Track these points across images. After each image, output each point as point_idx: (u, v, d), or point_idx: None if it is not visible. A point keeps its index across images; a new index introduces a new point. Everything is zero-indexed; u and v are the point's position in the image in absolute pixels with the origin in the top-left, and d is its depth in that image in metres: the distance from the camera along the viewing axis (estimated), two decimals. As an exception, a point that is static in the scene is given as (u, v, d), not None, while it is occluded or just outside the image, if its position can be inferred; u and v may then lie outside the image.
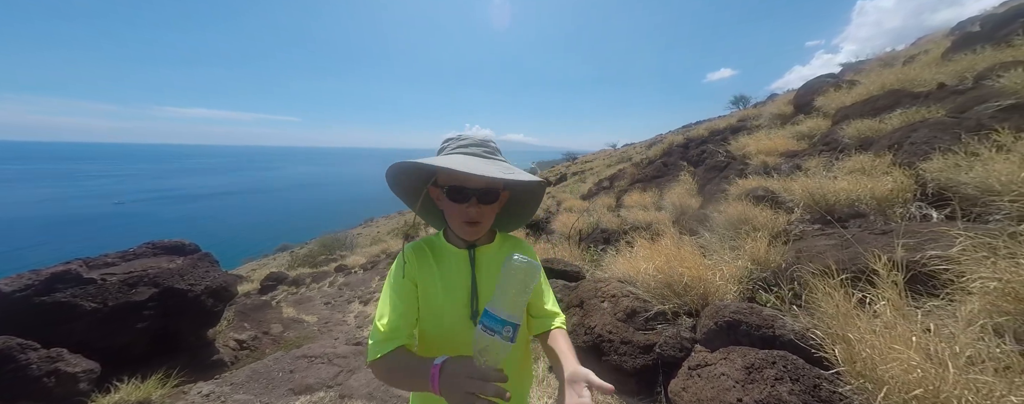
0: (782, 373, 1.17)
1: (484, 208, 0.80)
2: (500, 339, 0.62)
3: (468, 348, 0.80)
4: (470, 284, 0.84)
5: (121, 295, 2.92)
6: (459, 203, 0.79)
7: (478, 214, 0.79)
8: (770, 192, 3.42)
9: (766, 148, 5.55)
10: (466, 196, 0.78)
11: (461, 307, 0.83)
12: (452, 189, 0.79)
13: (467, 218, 0.79)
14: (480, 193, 0.78)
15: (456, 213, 0.80)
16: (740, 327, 1.50)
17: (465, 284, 0.84)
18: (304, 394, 2.74)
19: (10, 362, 2.30)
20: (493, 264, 0.87)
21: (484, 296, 0.84)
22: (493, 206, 0.82)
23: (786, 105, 8.03)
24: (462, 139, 0.86)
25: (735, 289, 1.96)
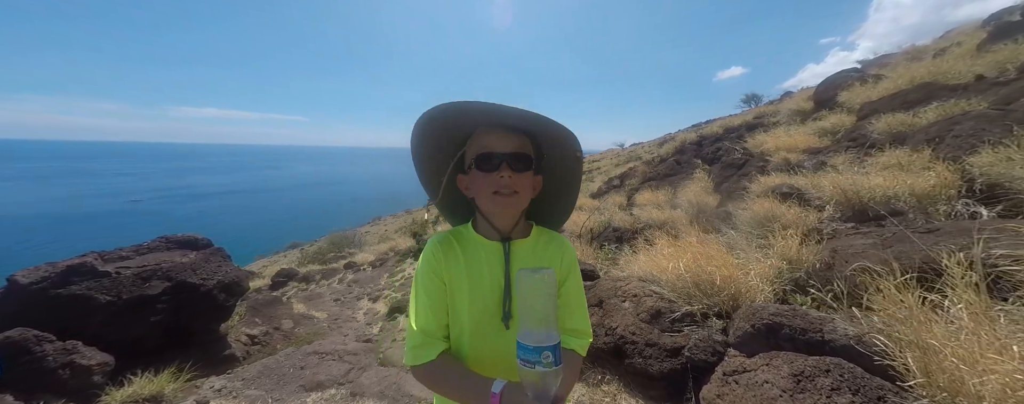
0: (839, 383, 1.06)
1: (516, 176, 0.71)
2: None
3: (498, 355, 0.74)
4: (503, 282, 0.74)
5: (135, 288, 2.92)
6: (489, 172, 0.71)
7: (510, 180, 0.70)
8: (796, 189, 3.27)
9: (786, 145, 5.36)
10: (495, 162, 0.70)
11: (491, 308, 0.74)
12: (480, 158, 0.71)
13: (498, 187, 0.70)
14: (510, 157, 0.70)
15: (486, 184, 0.71)
16: (782, 331, 1.39)
17: (497, 282, 0.75)
18: (315, 391, 2.70)
19: (26, 354, 2.30)
20: (528, 259, 0.78)
21: (516, 297, 0.75)
22: (526, 176, 0.73)
23: (806, 101, 7.76)
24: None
25: (768, 289, 1.84)
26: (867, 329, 1.17)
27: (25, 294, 2.55)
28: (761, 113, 9.58)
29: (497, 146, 0.71)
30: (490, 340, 0.74)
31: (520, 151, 0.72)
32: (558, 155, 0.79)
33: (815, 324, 1.32)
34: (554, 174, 0.82)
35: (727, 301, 1.85)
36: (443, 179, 0.81)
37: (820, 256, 2.11)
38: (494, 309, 0.75)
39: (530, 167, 0.74)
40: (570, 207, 0.88)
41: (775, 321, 1.42)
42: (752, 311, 1.54)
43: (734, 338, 1.61)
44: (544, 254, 0.80)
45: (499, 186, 0.70)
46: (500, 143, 0.71)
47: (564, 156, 0.79)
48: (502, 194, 0.71)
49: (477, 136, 0.73)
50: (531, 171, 0.74)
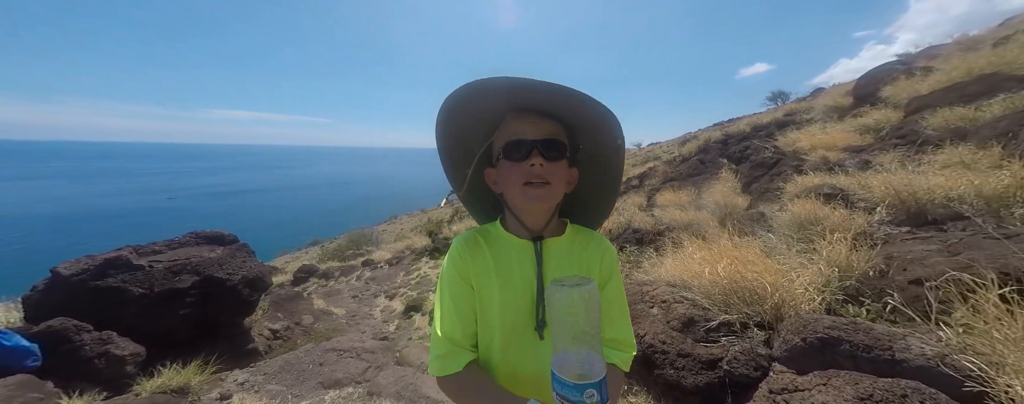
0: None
1: (550, 165, 0.63)
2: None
3: (531, 368, 0.66)
4: (535, 286, 0.67)
5: (166, 282, 3.03)
6: (519, 161, 0.63)
7: (543, 170, 0.62)
8: (839, 189, 3.02)
9: (823, 143, 5.01)
10: (526, 150, 0.63)
11: (524, 315, 0.66)
12: (509, 146, 0.64)
13: (530, 177, 0.63)
14: (543, 144, 0.63)
15: (517, 176, 0.63)
16: (840, 346, 1.24)
17: (529, 287, 0.67)
18: (333, 388, 2.70)
19: (66, 342, 2.41)
20: (564, 260, 0.70)
21: None
22: (560, 165, 0.65)
23: (843, 97, 7.27)
24: None
25: (818, 298, 1.68)
26: (952, 348, 1.02)
27: (67, 285, 2.68)
28: (792, 110, 9.07)
29: (528, 132, 0.63)
30: (523, 351, 0.67)
31: (553, 137, 0.64)
32: (595, 145, 0.70)
33: (882, 341, 1.17)
34: (591, 167, 0.73)
35: (769, 311, 1.69)
36: (468, 171, 0.73)
37: (872, 263, 1.91)
38: (526, 317, 0.67)
39: (564, 155, 0.65)
40: (610, 205, 0.78)
41: (831, 335, 1.27)
42: (803, 323, 1.39)
43: (781, 352, 1.46)
44: (581, 255, 0.71)
45: (530, 176, 0.63)
46: (531, 129, 0.63)
47: (602, 145, 0.69)
48: (533, 185, 0.63)
49: (506, 124, 0.66)
50: (565, 161, 0.66)
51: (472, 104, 0.64)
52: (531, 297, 0.67)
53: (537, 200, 0.64)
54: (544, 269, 0.67)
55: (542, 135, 0.63)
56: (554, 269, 0.69)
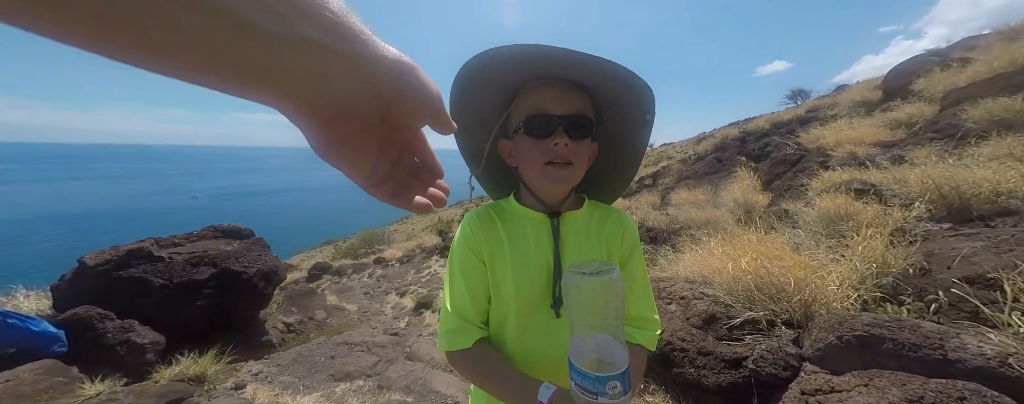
0: (982, 415, 0.81)
1: (574, 144, 0.58)
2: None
3: (546, 346, 0.62)
4: (552, 261, 0.62)
5: (185, 273, 3.11)
6: (541, 139, 0.58)
7: (567, 150, 0.57)
8: (871, 185, 2.84)
9: (850, 138, 4.77)
10: (550, 127, 0.57)
11: (539, 292, 0.62)
12: (531, 120, 0.58)
13: (553, 157, 0.58)
14: (568, 122, 0.57)
15: (538, 154, 0.59)
16: (882, 345, 1.13)
17: (545, 263, 0.63)
18: (344, 381, 2.70)
19: (91, 330, 2.49)
20: (582, 236, 0.65)
21: None
22: (584, 144, 0.60)
23: (872, 91, 6.93)
24: None
25: (854, 295, 1.56)
26: (1016, 348, 0.91)
27: (92, 275, 2.79)
28: (815, 107, 8.71)
29: (553, 106, 0.57)
30: (538, 329, 0.62)
31: (580, 113, 0.58)
32: (621, 121, 0.64)
33: (933, 339, 1.06)
34: (614, 141, 0.67)
35: (798, 308, 1.58)
36: (486, 146, 0.67)
37: (912, 260, 1.78)
38: (542, 293, 0.62)
39: (590, 133, 0.60)
40: (628, 179, 0.73)
41: (872, 333, 1.17)
42: (838, 320, 1.29)
43: (812, 351, 1.36)
44: (600, 230, 0.66)
45: (553, 156, 0.58)
46: (557, 103, 0.57)
47: (629, 120, 0.64)
48: (556, 165, 0.58)
49: (527, 92, 0.60)
50: (590, 138, 0.61)
51: (491, 72, 0.58)
52: (547, 274, 0.63)
53: (559, 181, 0.60)
54: (561, 245, 0.63)
55: (568, 110, 0.58)
56: (572, 245, 0.64)
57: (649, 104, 0.61)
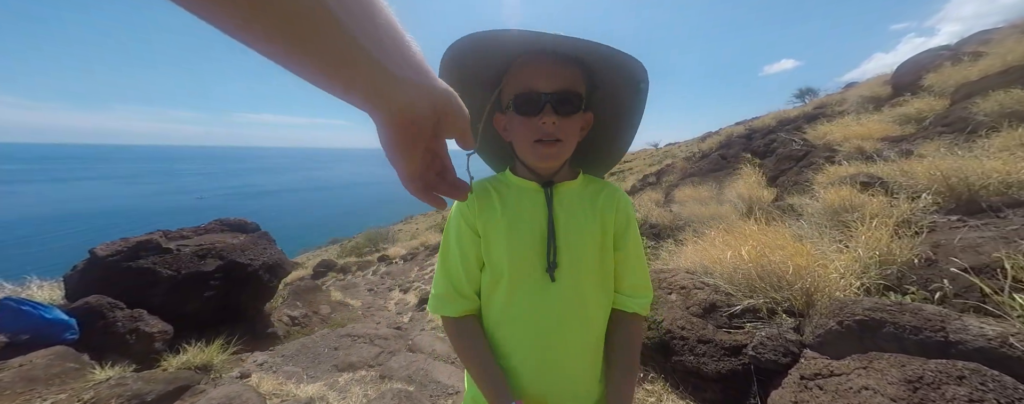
0: (982, 393, 0.80)
1: (562, 121, 0.58)
2: None
3: (538, 312, 0.63)
4: (546, 228, 0.63)
5: (192, 265, 3.16)
6: (530, 116, 0.58)
7: (555, 128, 0.57)
8: (877, 178, 2.81)
9: (858, 134, 4.70)
10: (537, 104, 0.57)
11: (532, 258, 0.63)
12: (519, 98, 0.59)
13: (541, 134, 0.58)
14: (555, 99, 0.57)
15: (527, 131, 0.59)
16: (883, 329, 1.12)
17: (539, 229, 0.64)
18: (347, 371, 2.73)
19: (101, 318, 2.54)
20: (576, 206, 0.66)
21: (564, 243, 0.63)
22: (574, 120, 0.60)
23: (881, 86, 6.81)
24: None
25: (856, 284, 1.54)
26: (1012, 329, 0.89)
27: (103, 265, 2.85)
28: (822, 103, 8.59)
29: (540, 83, 0.57)
30: (531, 294, 0.63)
31: (568, 89, 0.58)
32: (616, 84, 0.64)
33: (934, 321, 1.05)
34: (608, 109, 0.67)
35: (800, 296, 1.57)
36: (480, 125, 0.67)
37: (917, 251, 1.75)
38: (535, 259, 0.63)
39: (580, 108, 0.60)
40: (623, 149, 0.72)
41: (873, 317, 1.15)
42: (839, 306, 1.28)
43: (812, 338, 1.35)
44: (594, 201, 0.67)
45: (541, 134, 0.58)
46: (544, 79, 0.57)
47: (623, 87, 0.63)
48: (544, 143, 0.59)
49: (516, 69, 0.60)
50: (581, 112, 0.61)
51: (480, 54, 0.59)
52: (541, 239, 0.64)
53: (548, 158, 0.61)
54: (554, 212, 0.64)
55: (556, 86, 0.58)
56: (565, 213, 0.65)
57: (640, 72, 0.60)
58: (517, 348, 0.64)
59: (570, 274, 0.62)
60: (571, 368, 0.64)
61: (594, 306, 0.65)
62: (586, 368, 0.65)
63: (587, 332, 0.65)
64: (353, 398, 2.25)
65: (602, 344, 0.68)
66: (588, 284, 0.64)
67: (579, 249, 0.63)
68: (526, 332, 0.62)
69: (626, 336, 0.67)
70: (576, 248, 0.63)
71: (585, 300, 0.63)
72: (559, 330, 0.62)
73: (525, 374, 0.63)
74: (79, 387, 2.03)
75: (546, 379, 0.63)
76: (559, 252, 0.62)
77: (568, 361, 0.64)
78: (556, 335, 0.62)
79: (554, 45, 0.55)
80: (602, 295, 0.66)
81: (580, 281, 0.63)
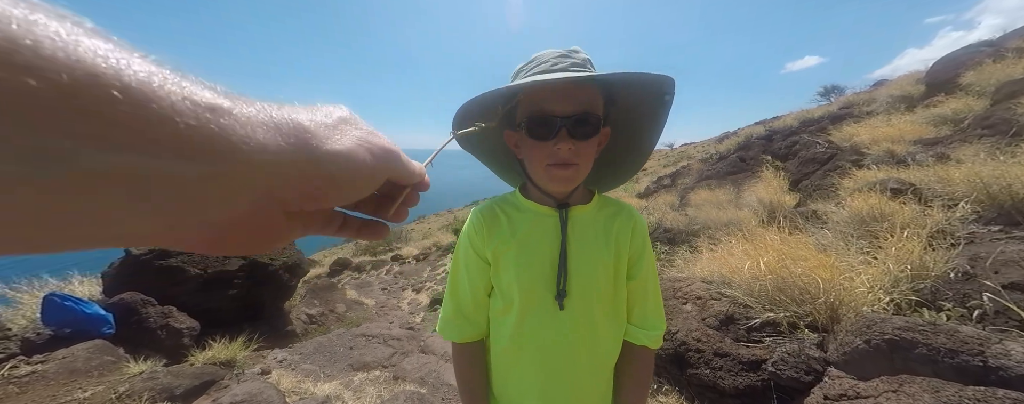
0: (1026, 426, 0.75)
1: (579, 145, 0.55)
2: None
3: (547, 340, 0.61)
4: (558, 255, 0.61)
5: (218, 264, 3.31)
6: (543, 140, 0.55)
7: (570, 153, 0.55)
8: (909, 184, 2.66)
9: (888, 135, 4.48)
10: (552, 128, 0.54)
11: (543, 285, 0.61)
12: (533, 121, 0.55)
13: (556, 159, 0.56)
14: (571, 122, 0.54)
15: (540, 155, 0.57)
16: (915, 350, 1.07)
17: (550, 255, 0.62)
18: (361, 371, 2.80)
19: (135, 314, 2.69)
20: (589, 232, 0.64)
21: (575, 272, 0.61)
22: (591, 143, 0.57)
23: (913, 85, 6.46)
24: (539, 58, 0.60)
25: (885, 299, 1.47)
26: None
27: (137, 263, 3.02)
28: (849, 102, 8.21)
29: (555, 106, 0.54)
30: (540, 320, 0.62)
31: (585, 111, 0.54)
32: (638, 98, 0.60)
33: (971, 344, 0.99)
34: (627, 119, 0.64)
35: (824, 310, 1.51)
36: (481, 124, 0.66)
37: (954, 264, 1.66)
38: (546, 285, 0.61)
39: (597, 131, 0.56)
40: (640, 164, 0.70)
41: (904, 337, 1.10)
42: (867, 323, 1.22)
43: (837, 355, 1.30)
44: (609, 226, 0.65)
45: (555, 158, 0.55)
46: (559, 102, 0.54)
47: (646, 99, 0.60)
48: (559, 166, 0.56)
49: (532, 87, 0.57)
50: (597, 135, 0.57)
51: (489, 100, 0.56)
52: (553, 266, 0.62)
53: (562, 182, 0.58)
54: (568, 238, 0.62)
55: (572, 109, 0.54)
56: (578, 239, 0.63)
57: (668, 85, 0.56)
58: (525, 375, 0.63)
59: (580, 303, 0.61)
60: (579, 398, 0.63)
61: (604, 336, 0.64)
62: (595, 399, 0.65)
63: (597, 362, 0.64)
64: (368, 398, 2.30)
65: (612, 374, 0.67)
66: (598, 314, 0.62)
67: (591, 278, 0.62)
68: (534, 360, 0.62)
69: (635, 370, 0.66)
70: (587, 277, 0.62)
71: (595, 330, 0.62)
72: (568, 359, 0.62)
73: (532, 402, 0.63)
74: (115, 380, 2.16)
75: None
76: (570, 280, 0.61)
77: (576, 391, 0.63)
78: (564, 364, 0.62)
79: (566, 76, 0.52)
80: (613, 325, 0.65)
81: (590, 310, 0.62)
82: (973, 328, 1.11)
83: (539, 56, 0.60)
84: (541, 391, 0.62)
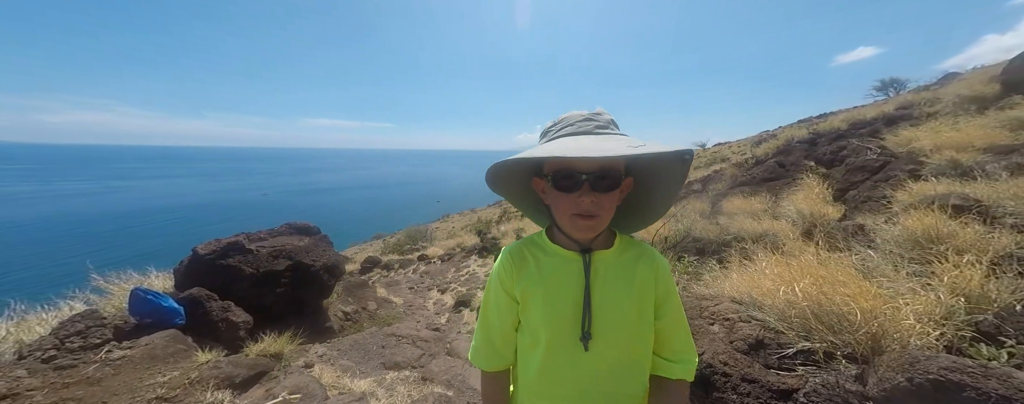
0: (1083, 488, 0.71)
1: (601, 197, 0.61)
2: None
3: (571, 379, 0.66)
4: (582, 298, 0.66)
5: (268, 264, 3.64)
6: (568, 193, 0.62)
7: (593, 205, 0.61)
8: (974, 200, 2.43)
9: (953, 142, 4.06)
10: (576, 182, 0.61)
11: (568, 326, 0.67)
12: (558, 175, 0.62)
13: (579, 210, 0.62)
14: (594, 177, 0.60)
15: (565, 206, 0.63)
16: (962, 393, 1.02)
17: (575, 298, 0.67)
18: (393, 370, 2.98)
19: (200, 307, 3.04)
20: (612, 275, 0.69)
21: (599, 314, 0.66)
22: (612, 195, 0.62)
23: (986, 84, 5.78)
24: (566, 119, 0.67)
25: (933, 333, 1.39)
26: None
27: (201, 262, 3.39)
28: (908, 102, 7.47)
29: (579, 162, 0.60)
30: (565, 361, 0.68)
31: (608, 167, 0.61)
32: (658, 157, 0.65)
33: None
34: (647, 172, 0.69)
35: (864, 341, 1.45)
36: (520, 185, 0.74)
37: (1022, 295, 1.52)
38: (571, 327, 0.67)
39: (619, 185, 0.63)
40: (662, 212, 0.74)
41: (950, 378, 1.05)
42: (910, 360, 1.17)
43: (877, 391, 1.24)
44: (632, 269, 0.70)
45: (579, 209, 0.62)
46: (581, 161, 0.60)
47: (666, 156, 0.64)
48: (582, 216, 0.62)
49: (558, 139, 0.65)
50: (619, 189, 0.63)
51: (521, 162, 0.64)
52: (578, 309, 0.67)
53: (585, 231, 0.64)
54: (592, 281, 0.67)
55: (595, 166, 0.60)
56: (602, 282, 0.68)
57: (687, 151, 0.61)
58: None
59: (604, 344, 0.66)
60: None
61: (629, 377, 0.68)
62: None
63: (622, 402, 0.68)
64: (399, 397, 2.46)
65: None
66: (623, 355, 0.67)
67: (615, 320, 0.66)
68: (560, 396, 0.68)
69: (671, 402, 0.69)
70: (612, 319, 0.66)
71: (618, 371, 0.67)
72: (592, 399, 0.67)
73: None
74: (187, 366, 2.46)
75: None
76: (594, 322, 0.65)
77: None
78: (589, 402, 0.67)
79: (590, 155, 0.56)
80: (638, 366, 0.69)
81: (614, 352, 0.66)
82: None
83: (566, 118, 0.68)
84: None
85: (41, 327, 2.77)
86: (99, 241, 25.71)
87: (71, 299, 3.16)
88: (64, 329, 2.57)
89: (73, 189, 57.56)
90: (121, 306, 3.00)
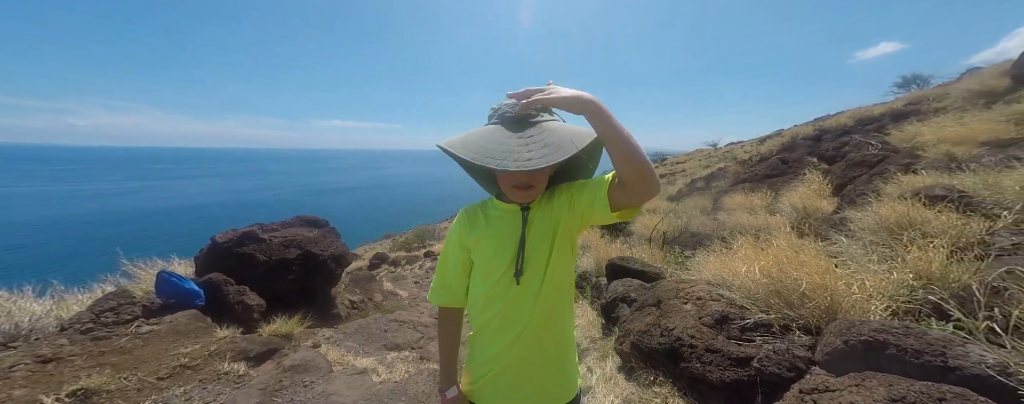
0: (957, 415, 0.83)
1: (535, 173, 0.76)
2: None
3: (508, 307, 0.82)
4: (518, 241, 0.82)
5: (279, 253, 3.89)
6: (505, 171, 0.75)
7: (529, 178, 0.77)
8: (955, 190, 2.47)
9: (955, 136, 4.04)
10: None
11: (506, 264, 0.82)
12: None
13: (516, 183, 0.77)
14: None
15: (506, 179, 0.79)
16: (886, 350, 1.13)
17: (513, 241, 0.83)
18: (393, 350, 3.17)
19: (218, 291, 3.29)
20: (540, 219, 0.84)
21: (531, 253, 0.82)
22: (545, 171, 0.78)
23: (997, 78, 5.66)
24: (500, 107, 0.80)
25: (881, 306, 1.49)
26: (1016, 359, 0.87)
27: (219, 249, 3.66)
28: (917, 98, 7.33)
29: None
30: (503, 292, 0.83)
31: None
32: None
33: (936, 346, 1.04)
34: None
35: (820, 315, 1.55)
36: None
37: (981, 276, 1.60)
38: (508, 266, 0.83)
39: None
40: (592, 170, 0.91)
41: (878, 338, 1.16)
42: (847, 325, 1.28)
43: (822, 355, 1.36)
44: (552, 203, 0.85)
45: (517, 182, 0.78)
46: (506, 172, 0.76)
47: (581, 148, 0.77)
48: (520, 188, 0.79)
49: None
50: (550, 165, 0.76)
51: (446, 152, 0.77)
52: (514, 250, 0.82)
53: (524, 198, 0.81)
54: (527, 230, 0.83)
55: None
56: (535, 231, 0.83)
57: (595, 141, 0.75)
58: (495, 334, 0.85)
59: (533, 278, 0.82)
60: (538, 357, 0.84)
61: (553, 305, 0.83)
62: (550, 358, 0.84)
63: (548, 326, 0.84)
64: (398, 373, 2.65)
65: (567, 344, 0.87)
66: (547, 286, 0.82)
67: (540, 261, 0.82)
68: (500, 322, 0.84)
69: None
70: (538, 260, 0.82)
71: (544, 299, 0.82)
72: (525, 323, 0.82)
73: (501, 355, 0.84)
74: (207, 341, 2.70)
75: (516, 358, 0.83)
76: (526, 262, 0.81)
77: (535, 349, 0.83)
78: (522, 326, 0.83)
79: (511, 170, 0.70)
80: (559, 296, 0.84)
81: (540, 284, 0.82)
82: (940, 332, 1.14)
83: (503, 103, 0.81)
84: (508, 345, 0.84)
85: (77, 306, 3.06)
86: (123, 241, 27.00)
87: (103, 282, 3.47)
88: (99, 306, 2.84)
89: (103, 189, 60.41)
90: (148, 289, 3.28)
